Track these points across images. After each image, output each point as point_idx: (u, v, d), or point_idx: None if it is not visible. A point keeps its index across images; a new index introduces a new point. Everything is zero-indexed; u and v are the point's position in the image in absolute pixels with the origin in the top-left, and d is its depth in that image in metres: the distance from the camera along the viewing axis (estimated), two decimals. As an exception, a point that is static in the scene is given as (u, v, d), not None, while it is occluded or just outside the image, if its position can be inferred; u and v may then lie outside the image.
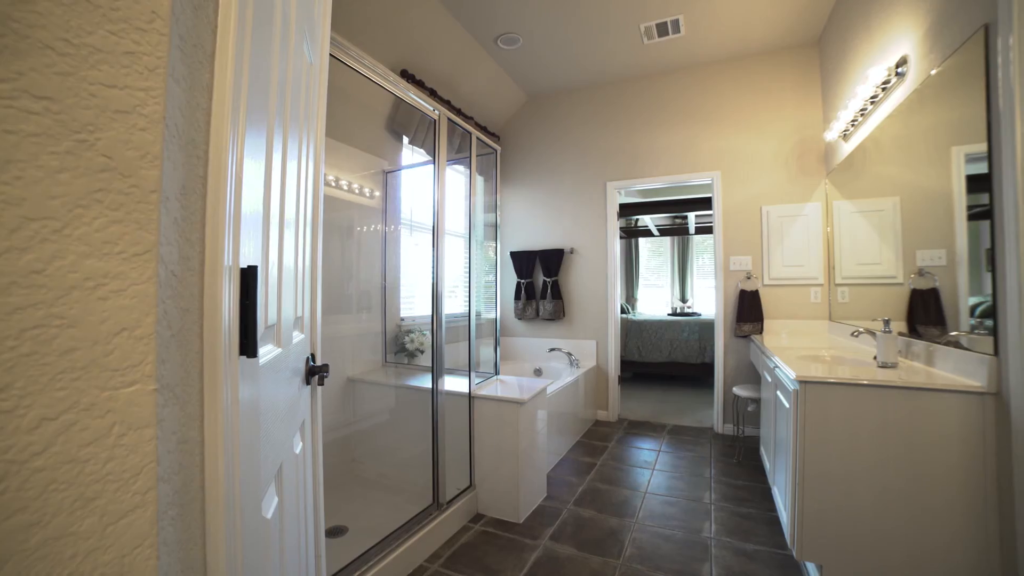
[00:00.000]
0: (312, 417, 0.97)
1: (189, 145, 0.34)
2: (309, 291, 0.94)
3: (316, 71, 0.93)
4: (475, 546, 1.67)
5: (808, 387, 1.41)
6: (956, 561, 1.23)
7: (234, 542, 0.41)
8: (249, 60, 0.43)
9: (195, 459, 0.36)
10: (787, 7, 2.46)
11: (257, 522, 0.51)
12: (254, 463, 0.49)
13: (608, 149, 3.25)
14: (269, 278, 0.60)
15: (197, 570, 0.35)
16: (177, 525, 0.32)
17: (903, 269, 1.75)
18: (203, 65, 0.36)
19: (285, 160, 0.67)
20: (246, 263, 0.45)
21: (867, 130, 2.02)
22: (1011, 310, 1.14)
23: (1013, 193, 1.12)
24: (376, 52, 2.42)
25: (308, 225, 0.92)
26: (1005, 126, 1.14)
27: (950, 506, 1.24)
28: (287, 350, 0.71)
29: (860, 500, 1.33)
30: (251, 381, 0.49)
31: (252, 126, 0.47)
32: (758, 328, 2.79)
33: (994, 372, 1.20)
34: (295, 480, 0.76)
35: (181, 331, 0.34)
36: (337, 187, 2.23)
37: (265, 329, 0.60)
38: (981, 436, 1.22)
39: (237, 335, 0.44)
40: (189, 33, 0.33)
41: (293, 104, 0.71)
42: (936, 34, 1.46)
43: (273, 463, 0.61)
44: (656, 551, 1.64)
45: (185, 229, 0.34)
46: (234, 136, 0.40)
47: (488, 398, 1.89)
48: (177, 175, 0.32)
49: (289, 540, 0.70)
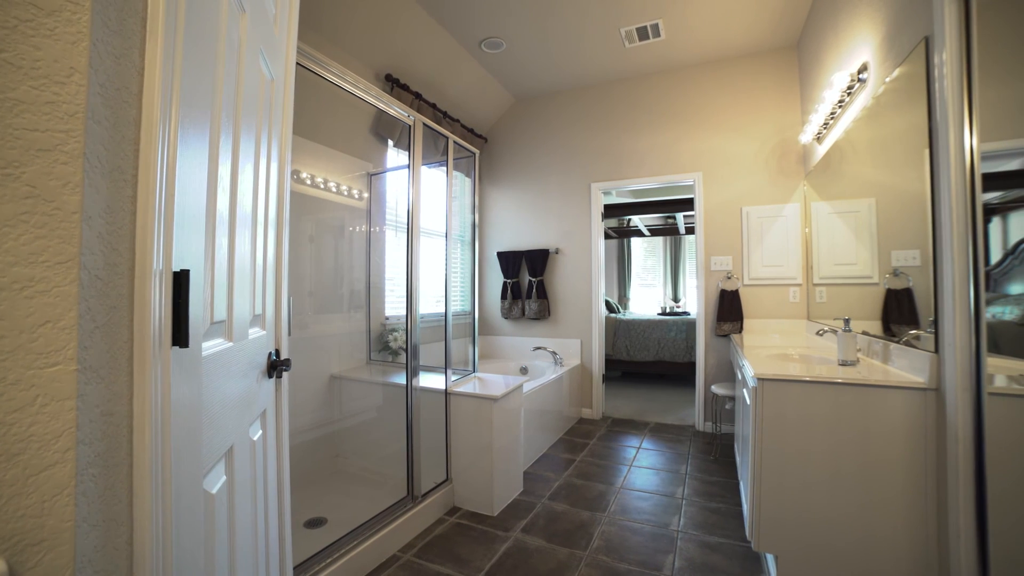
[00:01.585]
0: (277, 408, 1.04)
1: (114, 172, 0.41)
2: (273, 290, 1.01)
3: (280, 85, 1.00)
4: (448, 537, 1.74)
5: (766, 384, 1.47)
6: (900, 546, 1.29)
7: (162, 504, 0.47)
8: (180, 92, 0.50)
9: (121, 430, 0.42)
10: (764, 13, 2.50)
11: (196, 493, 0.58)
12: (192, 439, 0.56)
13: (593, 150, 3.31)
14: (215, 279, 0.67)
15: (122, 522, 0.42)
16: (99, 482, 0.39)
17: (879, 269, 1.79)
18: (129, 104, 0.43)
19: (236, 170, 0.74)
20: (180, 267, 0.52)
21: (838, 133, 2.06)
22: (947, 308, 1.19)
23: (948, 198, 1.18)
24: (362, 57, 2.49)
25: (272, 227, 0.99)
26: (941, 136, 1.19)
27: (895, 497, 1.29)
28: (241, 344, 0.78)
29: (814, 492, 1.38)
30: (189, 368, 0.55)
31: (189, 147, 0.54)
32: (738, 327, 2.84)
33: (935, 369, 1.25)
34: (251, 464, 0.82)
35: (107, 324, 0.41)
36: (326, 189, 2.30)
37: (212, 324, 0.66)
38: (924, 430, 1.27)
39: (169, 328, 0.50)
40: (110, 80, 0.40)
41: (247, 117, 0.78)
42: (890, 43, 1.51)
43: (220, 444, 0.68)
44: (623, 543, 1.70)
45: (111, 241, 0.41)
46: (163, 160, 0.47)
47: (463, 395, 1.96)
48: (100, 198, 0.39)
49: (242, 518, 0.77)
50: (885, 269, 1.75)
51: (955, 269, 1.17)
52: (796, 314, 2.78)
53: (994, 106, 1.08)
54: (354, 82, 1.56)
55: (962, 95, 1.14)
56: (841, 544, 1.35)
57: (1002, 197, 1.11)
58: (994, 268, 1.11)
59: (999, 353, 1.11)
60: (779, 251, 2.82)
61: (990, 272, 1.11)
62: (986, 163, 1.11)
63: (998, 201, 1.11)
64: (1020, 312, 1.06)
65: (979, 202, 1.13)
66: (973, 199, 1.14)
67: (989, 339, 1.10)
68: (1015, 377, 1.12)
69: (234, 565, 0.73)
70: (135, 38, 0.43)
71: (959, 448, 1.14)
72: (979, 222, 1.13)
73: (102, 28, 0.38)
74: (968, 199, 1.14)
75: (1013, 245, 1.05)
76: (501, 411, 1.94)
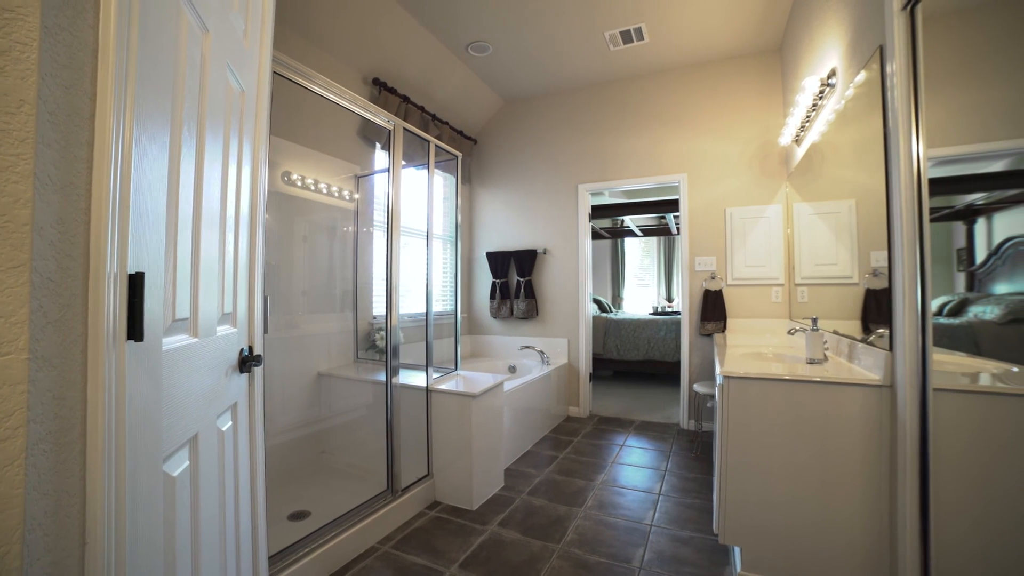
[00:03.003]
0: (250, 401, 1.09)
1: (66, 187, 0.47)
2: (246, 289, 1.07)
3: (252, 94, 1.06)
4: (427, 530, 1.79)
5: (731, 382, 1.51)
6: (856, 540, 1.33)
7: (115, 480, 0.53)
8: (135, 111, 0.55)
9: (74, 412, 0.48)
10: (744, 16, 2.54)
11: (155, 474, 0.63)
12: (150, 424, 0.61)
13: (579, 152, 3.36)
14: (178, 279, 0.72)
15: (74, 493, 0.48)
16: (50, 456, 0.45)
17: (859, 270, 1.82)
18: (80, 127, 0.48)
19: (201, 176, 0.79)
20: (136, 269, 0.58)
21: (815, 135, 2.10)
22: (897, 307, 1.24)
23: (899, 202, 1.22)
24: (350, 61, 2.55)
25: (244, 229, 1.04)
26: (893, 142, 1.23)
27: (853, 493, 1.34)
28: (206, 340, 0.83)
29: (776, 487, 1.43)
30: (146, 360, 0.61)
31: (146, 160, 0.59)
32: (721, 327, 2.88)
33: (889, 366, 1.29)
34: (218, 452, 0.88)
35: (60, 320, 0.46)
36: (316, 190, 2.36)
37: (174, 321, 0.72)
38: (879, 426, 1.32)
39: (124, 324, 0.56)
40: (60, 107, 0.46)
41: (213, 126, 0.83)
42: (853, 49, 1.56)
43: (183, 431, 0.73)
44: (596, 536, 1.75)
45: (64, 248, 0.47)
46: (116, 175, 0.52)
47: (443, 392, 2.01)
48: (51, 211, 0.45)
49: (207, 503, 0.82)
50: (865, 269, 1.79)
51: (904, 270, 1.21)
52: (778, 314, 2.82)
53: (982, 108, 1.09)
54: (340, 93, 1.62)
55: (910, 104, 1.18)
56: (801, 536, 1.39)
57: (987, 198, 1.13)
58: (979, 268, 1.13)
59: (980, 355, 1.13)
60: (762, 251, 2.86)
61: (975, 272, 1.14)
62: (974, 164, 1.13)
63: (983, 202, 1.13)
64: (1000, 312, 1.08)
65: (926, 207, 1.17)
66: (920, 204, 1.18)
67: (970, 340, 1.13)
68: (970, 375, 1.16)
69: (198, 547, 0.78)
70: (86, 69, 0.49)
71: (907, 442, 1.18)
72: (926, 226, 1.18)
73: (51, 63, 0.44)
74: (916, 204, 1.19)
75: (996, 245, 1.06)
76: (480, 408, 1.99)
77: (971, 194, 1.15)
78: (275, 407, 2.15)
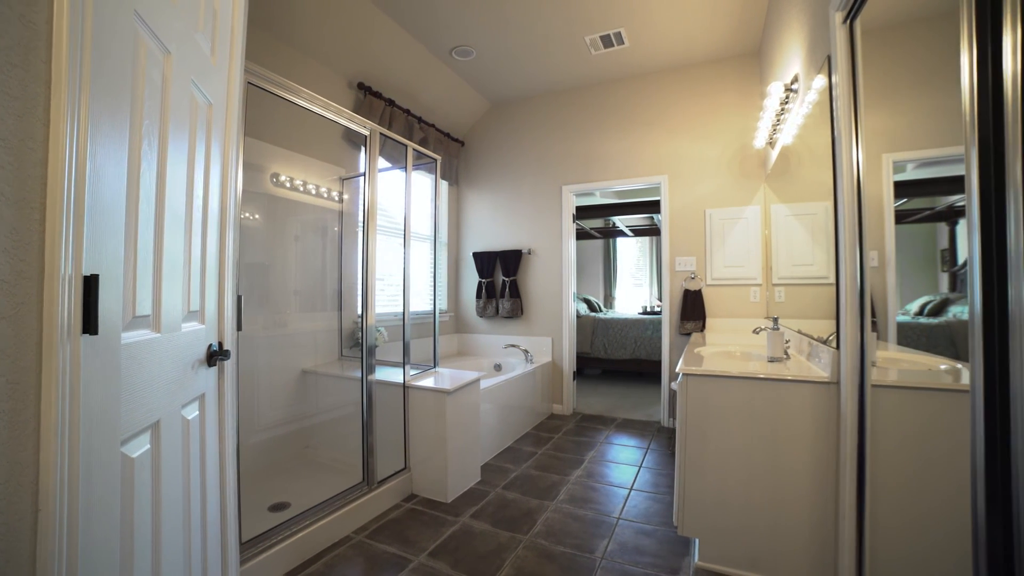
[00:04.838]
0: (219, 393, 1.16)
1: (20, 202, 0.54)
2: (216, 287, 1.13)
3: (221, 106, 1.12)
4: (401, 521, 1.86)
5: (689, 379, 1.57)
6: (803, 529, 1.39)
7: (70, 457, 0.60)
8: (90, 132, 0.62)
9: (28, 394, 0.55)
10: (722, 22, 2.59)
11: (112, 454, 0.70)
12: (107, 408, 0.68)
13: (564, 154, 3.41)
14: (138, 279, 0.79)
15: (28, 465, 0.55)
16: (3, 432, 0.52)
17: (834, 270, 1.84)
18: (34, 149, 0.55)
19: (164, 185, 0.86)
20: (92, 271, 0.64)
21: (786, 138, 2.15)
22: (841, 305, 1.29)
23: (843, 205, 1.27)
24: (335, 66, 2.61)
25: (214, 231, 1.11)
26: (838, 151, 1.29)
27: (802, 485, 1.40)
28: (170, 336, 0.90)
29: (731, 480, 1.49)
30: (103, 352, 0.67)
31: (103, 176, 0.66)
32: (700, 326, 2.93)
33: (836, 363, 1.35)
34: (183, 439, 0.95)
35: (14, 316, 0.53)
36: (305, 191, 2.44)
37: (135, 317, 0.79)
38: (827, 421, 1.37)
39: (80, 320, 0.63)
40: (13, 134, 0.52)
41: (177, 139, 0.90)
42: (811, 57, 1.61)
43: (144, 416, 0.80)
44: (563, 528, 1.81)
45: (18, 254, 0.54)
46: (70, 191, 0.59)
47: (419, 388, 2.08)
48: (5, 223, 0.51)
49: (169, 485, 0.89)
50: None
51: (847, 270, 1.27)
52: (756, 313, 2.87)
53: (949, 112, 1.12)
54: (309, 98, 1.69)
55: (850, 112, 1.23)
56: (755, 527, 1.45)
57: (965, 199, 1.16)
58: (960, 269, 1.17)
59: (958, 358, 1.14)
60: (741, 252, 2.91)
61: (956, 272, 1.18)
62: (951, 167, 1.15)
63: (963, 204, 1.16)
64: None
65: (864, 212, 1.23)
66: (860, 209, 1.24)
67: (947, 339, 1.15)
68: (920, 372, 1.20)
69: (159, 524, 0.85)
70: (39, 98, 0.55)
71: (848, 435, 1.24)
72: (865, 230, 1.23)
73: (3, 96, 0.51)
74: (856, 207, 1.24)
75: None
76: (456, 404, 2.06)
77: (951, 196, 1.18)
78: (261, 403, 2.23)
